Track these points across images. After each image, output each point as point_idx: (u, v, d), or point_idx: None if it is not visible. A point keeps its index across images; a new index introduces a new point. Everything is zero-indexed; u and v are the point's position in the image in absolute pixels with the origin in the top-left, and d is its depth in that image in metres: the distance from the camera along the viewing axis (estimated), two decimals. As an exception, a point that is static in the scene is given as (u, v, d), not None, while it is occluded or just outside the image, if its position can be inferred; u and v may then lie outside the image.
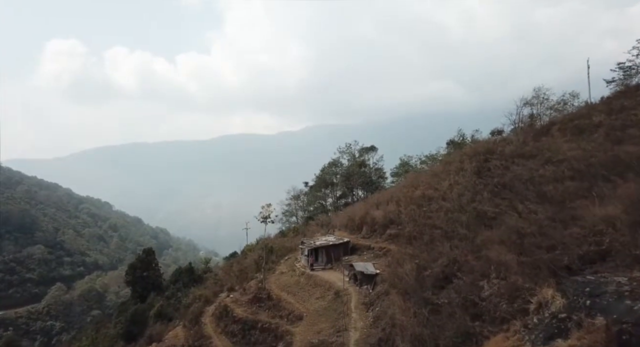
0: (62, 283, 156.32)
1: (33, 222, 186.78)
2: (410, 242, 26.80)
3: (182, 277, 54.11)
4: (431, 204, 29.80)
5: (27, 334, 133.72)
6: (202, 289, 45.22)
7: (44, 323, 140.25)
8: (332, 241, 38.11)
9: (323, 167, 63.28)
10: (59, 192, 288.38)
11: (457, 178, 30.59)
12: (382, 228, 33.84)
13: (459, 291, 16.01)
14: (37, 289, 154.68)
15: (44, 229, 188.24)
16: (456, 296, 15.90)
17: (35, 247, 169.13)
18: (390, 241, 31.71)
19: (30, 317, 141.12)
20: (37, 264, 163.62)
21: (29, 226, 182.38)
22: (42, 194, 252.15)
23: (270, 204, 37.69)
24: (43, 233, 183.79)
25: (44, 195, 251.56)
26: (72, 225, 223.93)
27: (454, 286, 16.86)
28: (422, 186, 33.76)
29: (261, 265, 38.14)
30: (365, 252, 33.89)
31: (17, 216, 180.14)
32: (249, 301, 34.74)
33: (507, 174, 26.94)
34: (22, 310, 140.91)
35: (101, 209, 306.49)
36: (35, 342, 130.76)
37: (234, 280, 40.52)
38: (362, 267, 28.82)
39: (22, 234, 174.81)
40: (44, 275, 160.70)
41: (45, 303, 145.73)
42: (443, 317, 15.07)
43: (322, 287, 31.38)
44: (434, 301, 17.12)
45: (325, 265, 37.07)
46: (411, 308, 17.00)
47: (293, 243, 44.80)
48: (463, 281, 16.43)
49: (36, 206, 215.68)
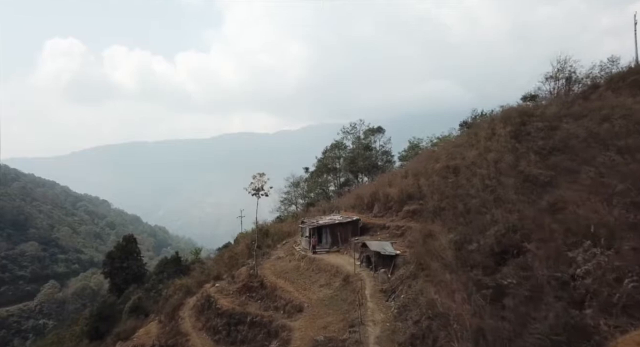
0: (55, 281, 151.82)
1: (27, 219, 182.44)
2: (436, 217, 22.07)
3: (167, 268, 48.22)
4: (458, 174, 24.99)
5: (18, 333, 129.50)
6: (185, 279, 39.80)
7: (36, 322, 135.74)
8: (339, 219, 33.09)
9: (325, 149, 57.80)
10: (56, 190, 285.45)
11: (489, 144, 25.78)
12: (398, 205, 29.21)
13: (531, 268, 11.12)
14: (30, 286, 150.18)
15: (38, 226, 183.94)
16: (527, 273, 11.00)
17: (29, 244, 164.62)
18: (408, 219, 27.15)
19: (22, 315, 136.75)
20: (30, 261, 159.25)
21: (22, 222, 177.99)
22: (38, 191, 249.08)
23: (263, 174, 32.51)
24: (37, 230, 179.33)
25: (40, 192, 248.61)
26: (69, 222, 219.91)
27: (519, 261, 11.98)
28: (444, 157, 28.92)
29: (253, 249, 32.96)
30: (379, 231, 29.16)
31: (11, 213, 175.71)
32: (238, 291, 29.54)
33: (556, 135, 22.15)
34: (14, 308, 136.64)
35: (99, 207, 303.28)
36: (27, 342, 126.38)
37: (222, 267, 35.37)
38: (378, 247, 23.96)
39: (15, 230, 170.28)
40: (37, 272, 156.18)
41: (37, 301, 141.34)
42: (514, 303, 10.20)
43: (328, 272, 26.56)
44: (488, 282, 12.22)
45: (330, 247, 32.28)
46: (458, 294, 12.11)
47: (292, 228, 39.88)
48: (534, 254, 11.54)
49: (31, 202, 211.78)
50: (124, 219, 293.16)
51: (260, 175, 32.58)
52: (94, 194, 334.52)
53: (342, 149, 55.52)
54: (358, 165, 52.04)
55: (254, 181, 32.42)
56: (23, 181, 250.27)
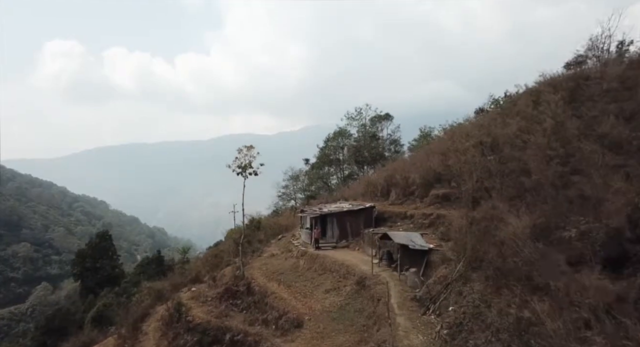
0: (48, 283, 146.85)
1: (20, 219, 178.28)
2: (476, 201, 16.94)
3: (148, 269, 42.91)
4: (499, 150, 19.89)
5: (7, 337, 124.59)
6: (157, 282, 33.16)
7: (27, 325, 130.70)
8: (348, 206, 27.54)
9: (327, 137, 51.72)
10: (52, 190, 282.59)
11: (536, 113, 20.69)
12: (422, 189, 24.27)
13: None
14: (22, 288, 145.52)
15: (32, 226, 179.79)
16: None
17: (21, 245, 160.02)
18: (438, 205, 22.18)
19: (13, 318, 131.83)
20: (22, 263, 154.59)
21: (15, 223, 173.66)
22: (34, 191, 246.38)
23: (252, 146, 27.14)
24: (31, 230, 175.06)
25: (36, 192, 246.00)
26: (64, 223, 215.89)
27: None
28: (476, 133, 23.80)
29: (241, 245, 27.38)
30: (399, 222, 23.88)
31: (4, 213, 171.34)
32: (218, 297, 23.99)
33: (637, 95, 17.12)
34: (4, 311, 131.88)
35: (96, 208, 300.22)
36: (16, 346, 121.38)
37: (205, 267, 29.95)
38: (405, 239, 18.22)
39: (7, 231, 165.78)
40: (29, 274, 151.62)
41: (29, 304, 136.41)
42: None
43: (335, 273, 21.16)
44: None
45: (337, 241, 26.94)
46: (570, 309, 6.96)
47: (289, 221, 34.63)
48: None
49: (26, 203, 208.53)
50: (121, 220, 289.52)
51: (248, 148, 26.96)
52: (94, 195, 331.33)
53: (346, 137, 50.22)
54: (363, 156, 46.68)
55: (239, 156, 26.70)
56: (19, 181, 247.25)
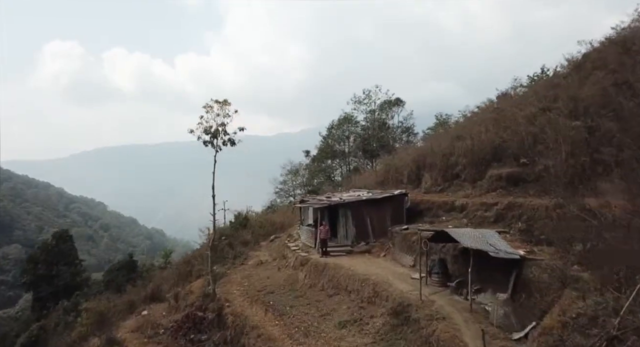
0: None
1: (13, 220, 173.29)
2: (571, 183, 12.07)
3: (118, 276, 34.49)
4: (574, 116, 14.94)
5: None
6: (105, 301, 24.23)
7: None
8: (367, 195, 20.08)
9: (331, 124, 44.93)
10: (49, 191, 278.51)
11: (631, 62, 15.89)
12: (473, 169, 18.15)
13: None
14: (12, 292, 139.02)
15: (25, 227, 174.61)
16: None
17: (12, 247, 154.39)
18: (501, 190, 16.05)
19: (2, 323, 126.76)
20: (13, 265, 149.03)
21: (7, 224, 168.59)
22: (30, 192, 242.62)
23: (227, 101, 18.10)
24: (23, 232, 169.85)
25: (32, 193, 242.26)
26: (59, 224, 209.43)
27: None
28: (534, 100, 18.60)
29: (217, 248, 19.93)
30: (445, 215, 17.42)
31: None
32: (175, 328, 16.72)
33: None
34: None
35: (94, 209, 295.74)
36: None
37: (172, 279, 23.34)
38: (479, 242, 11.18)
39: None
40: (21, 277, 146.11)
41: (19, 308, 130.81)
42: None
43: (355, 294, 14.11)
44: None
45: (353, 243, 19.55)
46: None
47: (286, 219, 28.94)
48: None
49: (20, 204, 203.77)
50: (119, 222, 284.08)
51: (221, 103, 18.43)
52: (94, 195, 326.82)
53: (352, 125, 43.68)
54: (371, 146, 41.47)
55: (206, 115, 18.13)
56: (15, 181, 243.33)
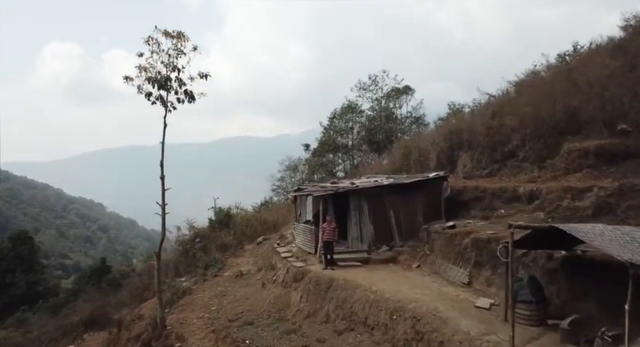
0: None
1: (8, 222, 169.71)
2: None
3: (88, 282, 30.71)
4: None
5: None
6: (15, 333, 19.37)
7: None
8: (387, 181, 14.88)
9: (333, 113, 40.07)
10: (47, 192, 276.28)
11: None
12: (537, 144, 13.65)
13: None
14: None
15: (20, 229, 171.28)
16: None
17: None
18: (590, 170, 11.50)
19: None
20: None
21: (2, 225, 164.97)
22: (28, 193, 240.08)
23: (183, 34, 12.77)
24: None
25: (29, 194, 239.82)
26: (57, 225, 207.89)
27: None
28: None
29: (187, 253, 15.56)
30: (504, 207, 12.55)
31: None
32: None
33: None
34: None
35: (92, 210, 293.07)
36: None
37: (128, 295, 18.49)
38: (628, 247, 5.86)
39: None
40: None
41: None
42: None
43: (383, 329, 8.59)
44: None
45: (371, 247, 14.01)
46: None
47: (280, 217, 24.13)
48: None
49: (17, 205, 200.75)
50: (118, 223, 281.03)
51: (176, 36, 12.96)
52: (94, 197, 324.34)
53: (357, 114, 39.15)
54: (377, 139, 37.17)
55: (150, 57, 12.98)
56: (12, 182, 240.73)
